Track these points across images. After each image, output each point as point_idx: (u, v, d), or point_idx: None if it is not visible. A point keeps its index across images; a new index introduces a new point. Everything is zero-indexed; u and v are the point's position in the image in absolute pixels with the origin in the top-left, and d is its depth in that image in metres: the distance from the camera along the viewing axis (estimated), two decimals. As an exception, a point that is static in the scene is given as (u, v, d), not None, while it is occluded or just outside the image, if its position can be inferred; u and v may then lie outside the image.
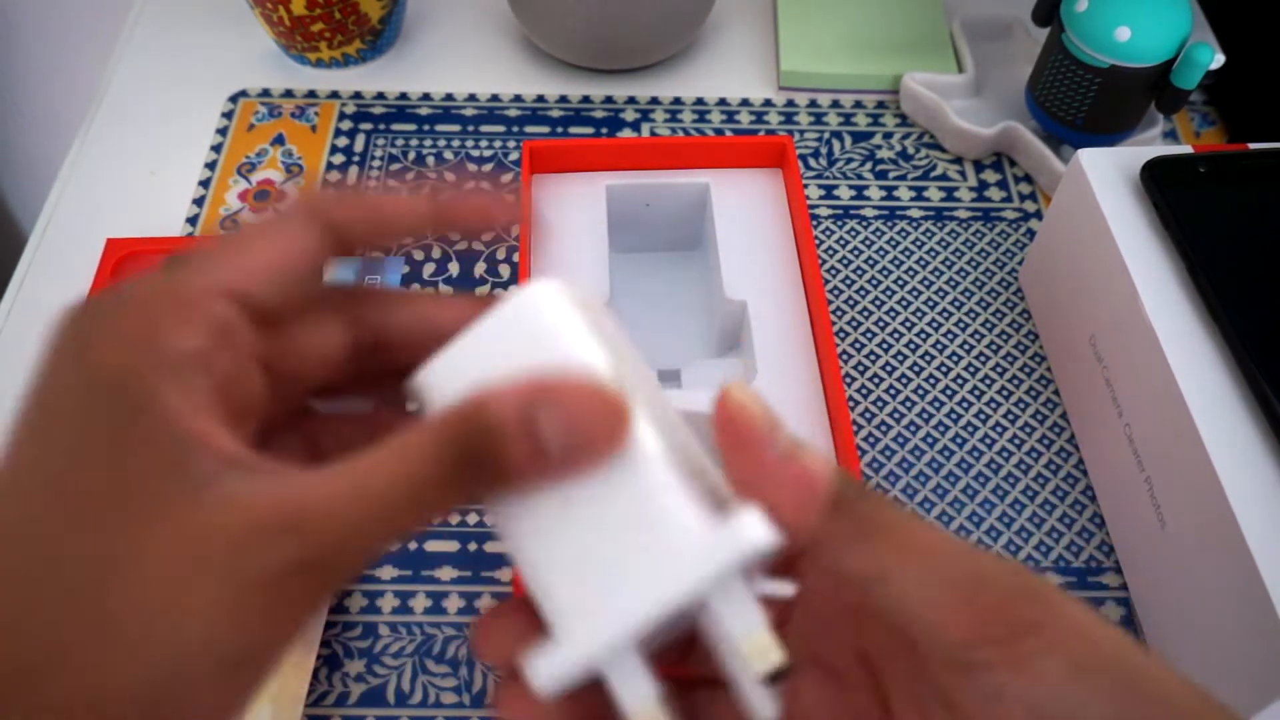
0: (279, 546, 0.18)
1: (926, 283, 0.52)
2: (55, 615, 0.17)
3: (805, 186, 0.55)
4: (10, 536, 0.18)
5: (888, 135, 0.58)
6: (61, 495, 0.18)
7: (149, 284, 0.20)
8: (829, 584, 0.23)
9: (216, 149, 0.57)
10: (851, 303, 0.51)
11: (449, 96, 0.60)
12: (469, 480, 0.19)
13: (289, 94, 0.60)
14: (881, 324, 0.50)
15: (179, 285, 0.20)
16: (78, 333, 0.19)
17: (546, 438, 0.19)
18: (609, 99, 0.60)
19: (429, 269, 0.52)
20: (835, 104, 0.59)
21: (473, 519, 0.44)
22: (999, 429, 0.47)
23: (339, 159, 0.56)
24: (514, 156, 0.57)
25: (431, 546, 0.43)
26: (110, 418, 0.18)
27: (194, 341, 0.19)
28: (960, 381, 0.48)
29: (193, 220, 0.54)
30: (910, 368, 0.49)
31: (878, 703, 0.22)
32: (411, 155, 0.57)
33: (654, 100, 0.59)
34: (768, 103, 0.60)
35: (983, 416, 0.47)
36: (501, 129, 0.58)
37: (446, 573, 0.42)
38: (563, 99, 0.60)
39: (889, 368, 0.49)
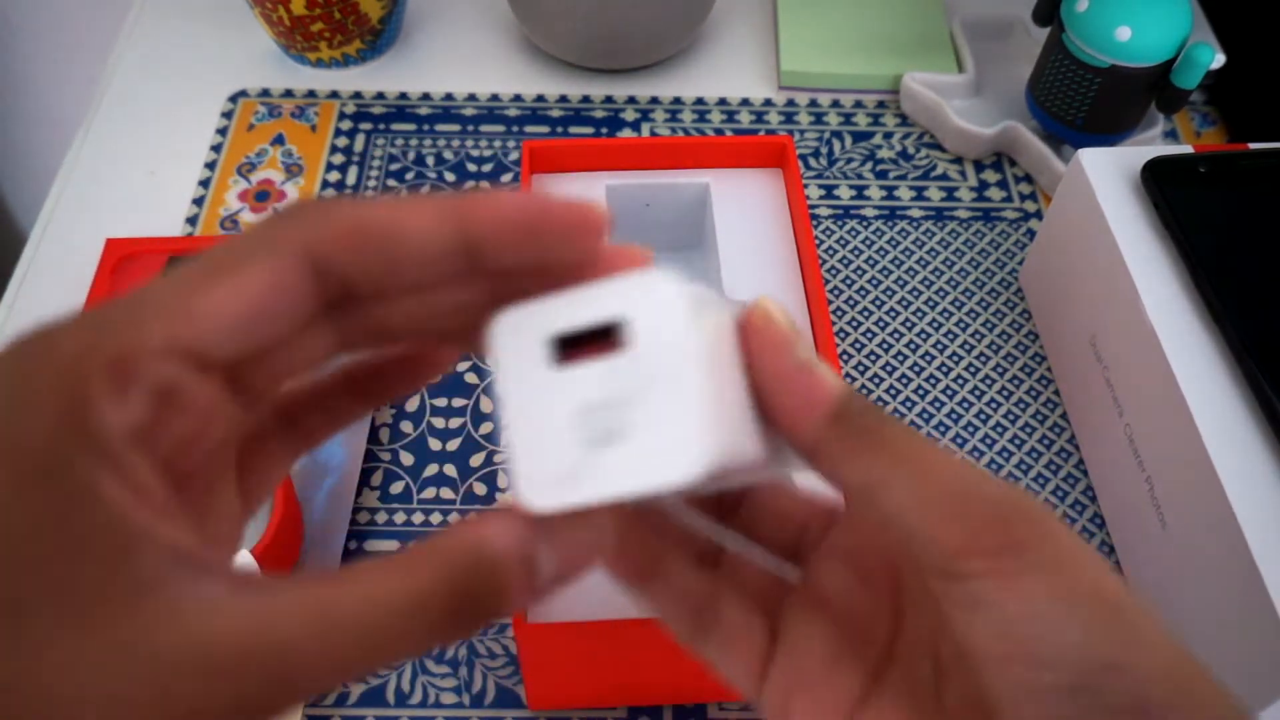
0: (225, 683, 0.15)
1: (927, 283, 0.52)
2: None
3: (805, 186, 0.55)
4: None
5: (888, 135, 0.58)
6: None
7: (79, 338, 0.16)
8: None
9: (216, 149, 0.57)
10: (851, 303, 0.51)
11: (449, 96, 0.59)
12: (464, 616, 0.17)
13: (289, 94, 0.60)
14: (882, 324, 0.50)
15: (114, 343, 0.16)
16: None
17: (541, 566, 0.18)
18: (609, 99, 0.60)
19: (429, 269, 0.52)
20: (835, 104, 0.59)
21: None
22: (999, 429, 0.47)
23: (339, 159, 0.56)
24: (514, 156, 0.57)
25: (431, 546, 0.43)
26: (38, 513, 0.15)
27: (132, 416, 0.16)
28: (960, 382, 0.48)
29: (192, 220, 0.54)
30: (910, 368, 0.49)
31: (891, 605, 0.24)
32: (411, 155, 0.57)
33: (654, 100, 0.59)
34: (768, 102, 0.60)
35: (983, 417, 0.47)
36: (501, 129, 0.58)
37: (446, 573, 0.42)
38: (563, 99, 0.60)
39: (889, 368, 0.49)
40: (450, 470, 0.45)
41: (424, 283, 0.19)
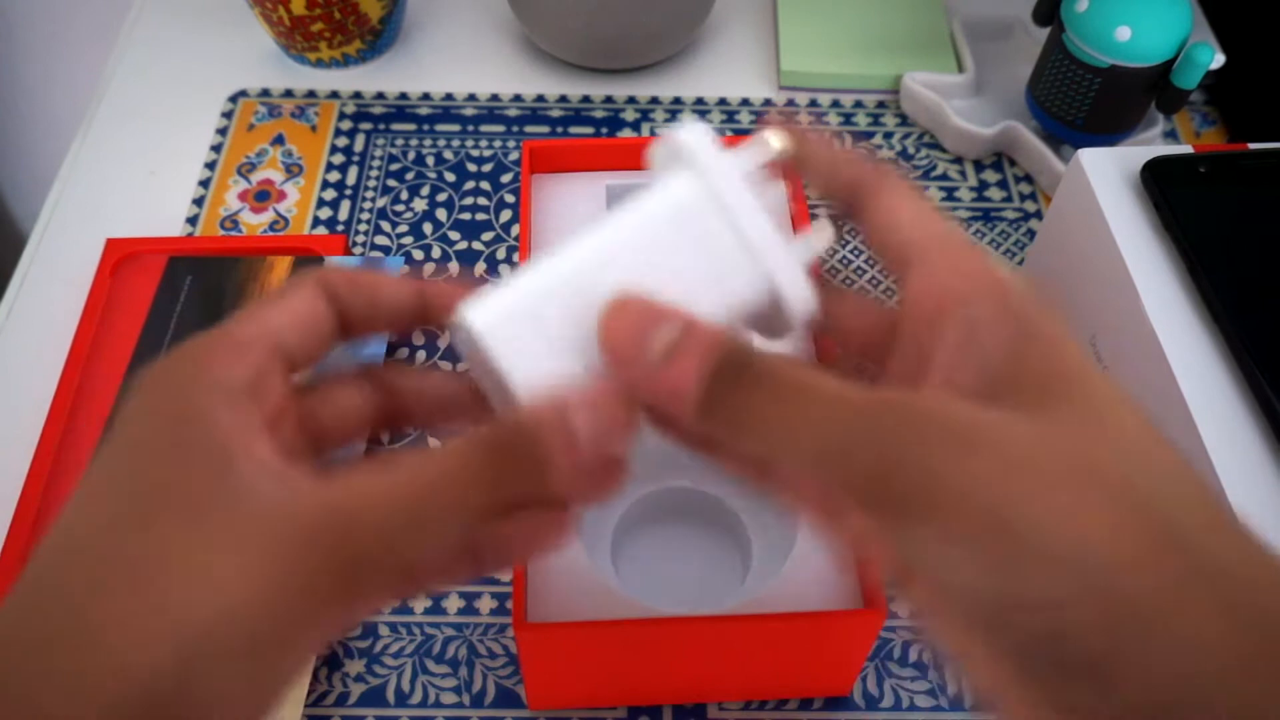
0: (319, 536, 0.20)
1: (926, 283, 0.52)
2: (87, 595, 0.20)
3: (805, 186, 0.55)
4: (67, 528, 0.21)
5: (888, 135, 0.58)
6: (120, 495, 0.21)
7: (211, 333, 0.23)
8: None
9: (216, 149, 0.57)
10: (851, 303, 0.51)
11: (449, 96, 0.60)
12: (509, 475, 0.21)
13: (289, 94, 0.60)
14: (881, 324, 0.50)
15: (231, 332, 0.23)
16: (153, 375, 0.23)
17: (578, 432, 0.21)
18: (609, 99, 0.60)
19: (429, 269, 0.52)
20: (835, 104, 0.59)
21: (473, 519, 0.44)
22: (999, 429, 0.47)
23: (339, 159, 0.56)
24: (514, 156, 0.57)
25: (431, 546, 0.43)
26: (168, 432, 0.21)
27: (242, 373, 0.22)
28: (960, 381, 0.48)
29: (193, 220, 0.54)
30: (910, 368, 0.49)
31: None
32: (411, 155, 0.57)
33: (654, 100, 0.59)
34: (768, 102, 0.60)
35: (983, 416, 0.47)
36: (501, 129, 0.58)
37: (446, 573, 0.42)
38: (563, 99, 0.60)
39: (889, 368, 0.49)
40: (450, 470, 0.45)
41: (392, 315, 0.26)
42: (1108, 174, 0.44)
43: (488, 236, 0.53)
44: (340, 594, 0.20)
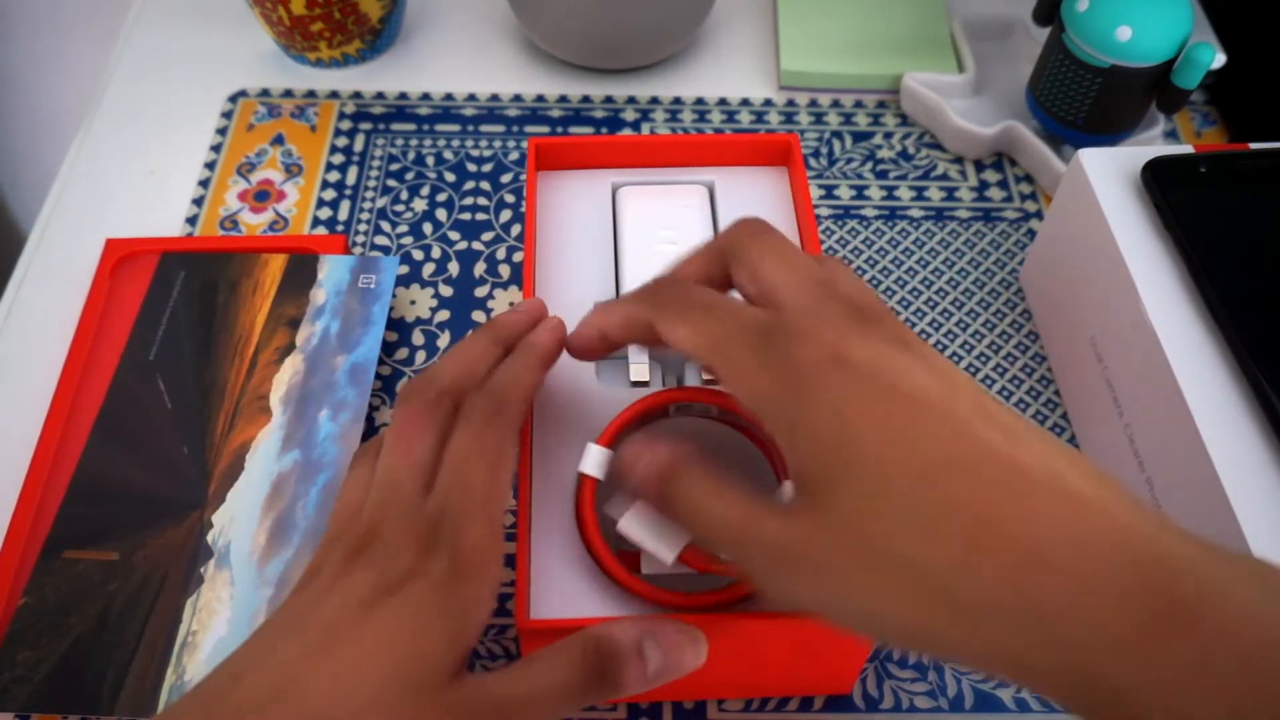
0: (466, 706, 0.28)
1: (927, 283, 0.52)
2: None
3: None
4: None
5: (888, 135, 0.58)
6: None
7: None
8: None
9: (216, 149, 0.57)
10: (852, 303, 0.51)
11: (449, 96, 0.59)
12: (595, 686, 0.29)
13: (289, 94, 0.60)
14: (882, 324, 0.50)
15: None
16: None
17: (649, 663, 0.29)
18: (609, 99, 0.60)
19: (429, 269, 0.52)
20: (836, 104, 0.59)
21: (473, 519, 0.44)
22: (999, 429, 0.47)
23: (339, 159, 0.56)
24: (514, 156, 0.57)
25: (431, 546, 0.43)
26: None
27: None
28: (960, 381, 0.48)
29: (192, 220, 0.54)
30: (910, 368, 0.49)
31: None
32: (411, 155, 0.57)
33: (654, 100, 0.59)
34: (768, 103, 0.60)
35: (983, 416, 0.47)
36: (501, 129, 0.58)
37: (446, 573, 0.42)
38: (563, 99, 0.60)
39: (889, 368, 0.49)
40: (450, 470, 0.45)
41: None
42: (1108, 174, 0.44)
43: (488, 236, 0.53)
44: None
